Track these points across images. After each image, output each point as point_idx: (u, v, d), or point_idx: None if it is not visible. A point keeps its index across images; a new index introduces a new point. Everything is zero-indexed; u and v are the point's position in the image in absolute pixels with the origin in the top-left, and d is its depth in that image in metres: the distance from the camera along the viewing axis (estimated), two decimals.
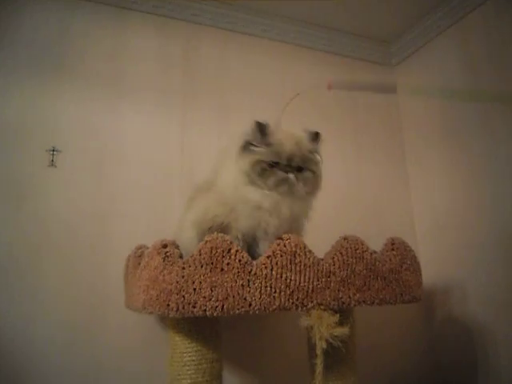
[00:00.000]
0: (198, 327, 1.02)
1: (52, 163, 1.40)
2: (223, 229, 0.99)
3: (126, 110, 1.56)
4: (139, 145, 1.55)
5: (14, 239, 1.31)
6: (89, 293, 1.35)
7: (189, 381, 1.00)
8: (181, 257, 0.94)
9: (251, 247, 1.01)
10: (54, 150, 1.41)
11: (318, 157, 1.06)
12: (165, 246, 0.94)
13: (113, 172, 1.48)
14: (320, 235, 1.20)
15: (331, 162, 1.80)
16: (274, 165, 0.99)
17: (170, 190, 1.54)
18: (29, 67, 1.45)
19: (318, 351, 0.92)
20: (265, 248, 0.98)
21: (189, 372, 1.00)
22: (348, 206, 1.81)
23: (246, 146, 1.01)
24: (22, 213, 1.34)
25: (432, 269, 1.69)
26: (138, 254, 1.07)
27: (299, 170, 1.01)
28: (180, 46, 1.72)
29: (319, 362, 0.93)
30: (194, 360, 1.01)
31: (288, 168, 0.99)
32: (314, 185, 1.04)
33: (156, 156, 1.56)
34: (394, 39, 2.06)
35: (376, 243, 1.10)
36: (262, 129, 1.00)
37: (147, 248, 1.09)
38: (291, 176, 0.99)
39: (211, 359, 1.03)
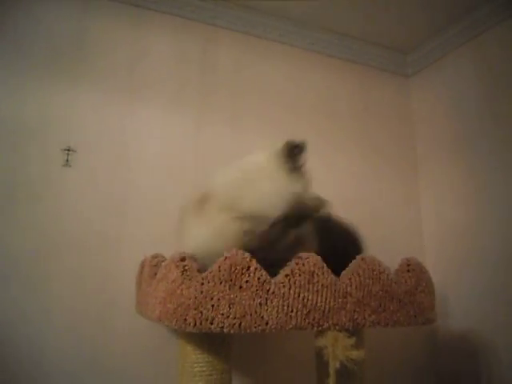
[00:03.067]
0: (210, 338, 1.02)
1: (67, 163, 1.40)
2: None
3: (142, 110, 1.56)
4: (154, 146, 1.55)
5: (27, 239, 1.31)
6: (99, 295, 1.35)
7: None
8: (199, 270, 0.94)
9: None
10: (69, 150, 1.40)
11: None
12: (183, 260, 0.93)
13: (127, 173, 1.48)
14: None
15: (340, 171, 1.84)
16: None
17: (183, 192, 1.52)
18: (46, 66, 1.44)
19: (332, 371, 0.92)
20: None
21: (199, 383, 1.00)
22: (356, 218, 1.80)
23: None
24: (36, 212, 1.34)
25: (438, 283, 1.70)
26: (154, 264, 1.07)
27: None
28: (197, 47, 1.71)
29: (331, 383, 0.93)
30: (204, 370, 1.01)
31: None
32: None
33: (171, 157, 1.56)
34: (411, 50, 2.05)
35: (383, 256, 1.08)
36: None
37: (163, 257, 1.09)
38: None
39: (221, 370, 1.03)
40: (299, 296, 0.92)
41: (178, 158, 1.57)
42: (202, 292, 0.88)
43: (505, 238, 1.57)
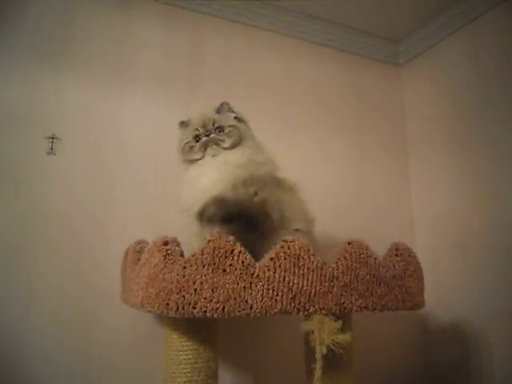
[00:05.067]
0: (196, 326, 1.00)
1: (51, 151, 1.37)
2: None
3: (129, 98, 1.53)
4: (140, 134, 1.52)
5: (10, 227, 1.29)
6: (84, 284, 1.33)
7: (184, 379, 0.98)
8: (182, 255, 0.92)
9: None
10: (53, 138, 1.38)
11: (230, 114, 1.18)
12: (166, 244, 0.91)
13: (113, 161, 1.46)
14: (321, 232, 1.20)
15: (331, 158, 1.83)
16: (197, 139, 1.13)
17: (170, 180, 1.50)
18: (31, 53, 1.41)
19: (318, 356, 0.91)
20: None
21: (184, 370, 0.98)
22: (349, 204, 1.80)
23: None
24: (19, 200, 1.31)
25: (428, 271, 1.69)
26: (138, 250, 1.05)
27: (220, 131, 1.13)
28: (185, 35, 1.69)
29: (318, 367, 0.91)
30: (190, 358, 0.99)
31: (208, 133, 1.13)
32: (237, 135, 1.13)
33: (157, 146, 1.53)
34: (403, 38, 2.03)
35: (374, 242, 1.07)
36: (184, 125, 1.21)
37: (147, 243, 1.07)
38: (212, 135, 1.12)
39: (207, 358, 1.01)
40: (284, 280, 0.90)
41: (165, 145, 1.52)
42: (184, 276, 0.86)
43: (495, 224, 1.56)
